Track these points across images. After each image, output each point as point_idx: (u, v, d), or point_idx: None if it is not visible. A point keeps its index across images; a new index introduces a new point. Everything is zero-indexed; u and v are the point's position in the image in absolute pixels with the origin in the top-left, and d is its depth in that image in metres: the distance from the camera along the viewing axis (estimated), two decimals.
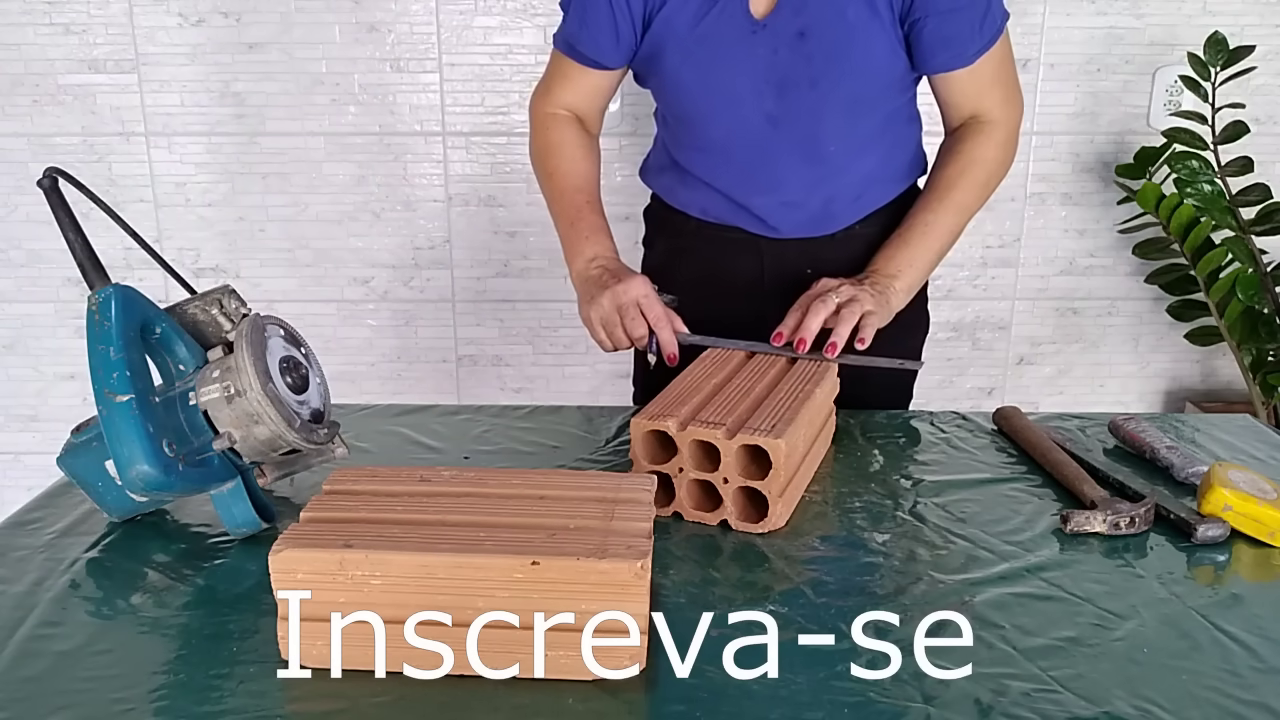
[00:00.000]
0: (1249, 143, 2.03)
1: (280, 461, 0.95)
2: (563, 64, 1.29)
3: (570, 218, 1.26)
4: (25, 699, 0.69)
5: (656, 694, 0.69)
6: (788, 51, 1.15)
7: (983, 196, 1.25)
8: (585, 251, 1.23)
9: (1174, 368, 2.36)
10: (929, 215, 1.22)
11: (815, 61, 1.15)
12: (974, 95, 1.21)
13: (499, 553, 0.69)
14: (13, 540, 0.91)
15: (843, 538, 0.92)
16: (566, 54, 1.27)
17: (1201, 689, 0.70)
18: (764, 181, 1.25)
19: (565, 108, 1.31)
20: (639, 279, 1.17)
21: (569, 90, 1.30)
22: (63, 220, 0.87)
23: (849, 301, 1.13)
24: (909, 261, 1.21)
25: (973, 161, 1.22)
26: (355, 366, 2.33)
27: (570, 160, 1.29)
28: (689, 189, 1.31)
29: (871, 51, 1.15)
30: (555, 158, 1.30)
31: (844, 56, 1.15)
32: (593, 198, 1.28)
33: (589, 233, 1.25)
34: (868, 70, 1.16)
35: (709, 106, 1.22)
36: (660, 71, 1.22)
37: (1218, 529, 0.91)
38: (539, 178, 1.33)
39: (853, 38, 1.14)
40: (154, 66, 2.14)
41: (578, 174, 1.29)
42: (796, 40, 1.14)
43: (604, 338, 1.19)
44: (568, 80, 1.29)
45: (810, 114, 1.19)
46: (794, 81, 1.17)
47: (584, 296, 1.21)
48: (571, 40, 1.24)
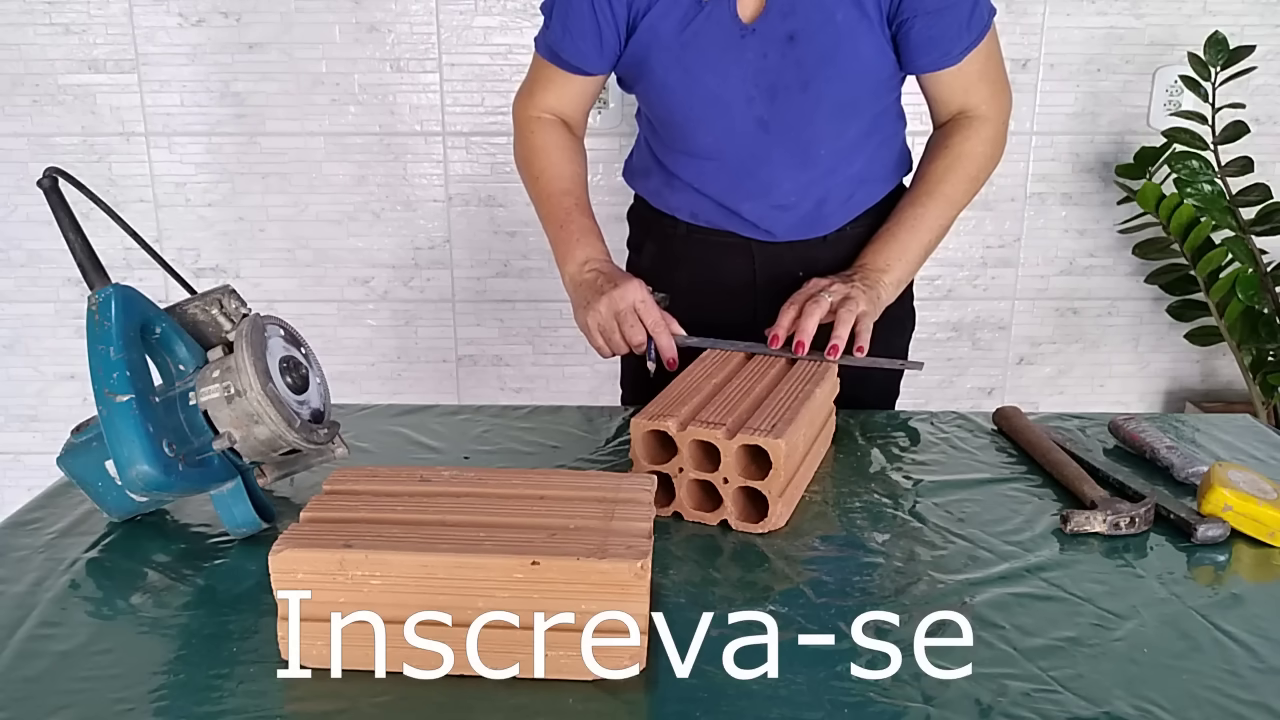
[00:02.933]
0: (1249, 143, 2.03)
1: (280, 461, 0.95)
2: (545, 68, 1.27)
3: (559, 220, 1.25)
4: (25, 699, 0.69)
5: (656, 694, 0.69)
6: (777, 56, 1.14)
7: (971, 191, 1.25)
8: (577, 255, 1.22)
9: (1174, 368, 2.36)
10: (917, 209, 1.22)
11: (806, 65, 1.14)
12: (961, 92, 1.22)
13: (499, 553, 0.69)
14: (13, 540, 0.91)
15: (843, 538, 0.91)
16: (549, 60, 1.25)
17: (1201, 689, 0.70)
18: (755, 186, 1.24)
19: (549, 111, 1.30)
20: (634, 283, 1.16)
21: (552, 94, 1.28)
22: (63, 220, 0.87)
23: (843, 300, 1.13)
24: (898, 255, 1.21)
25: (961, 155, 1.22)
26: (355, 366, 2.33)
27: (556, 163, 1.27)
28: (677, 193, 1.30)
29: (860, 53, 1.14)
30: (541, 160, 1.28)
31: (834, 59, 1.14)
32: (581, 200, 1.27)
33: (579, 235, 1.23)
34: (857, 72, 1.16)
35: (698, 112, 1.20)
36: (647, 77, 1.20)
37: (1218, 529, 0.91)
38: (525, 181, 1.31)
39: (842, 40, 1.13)
40: (154, 66, 2.14)
41: (565, 176, 1.27)
42: (786, 44, 1.14)
43: (602, 344, 1.18)
44: (551, 84, 1.28)
45: (802, 117, 1.18)
46: (785, 85, 1.16)
47: (579, 302, 1.20)
48: (554, 46, 1.23)
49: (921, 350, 2.34)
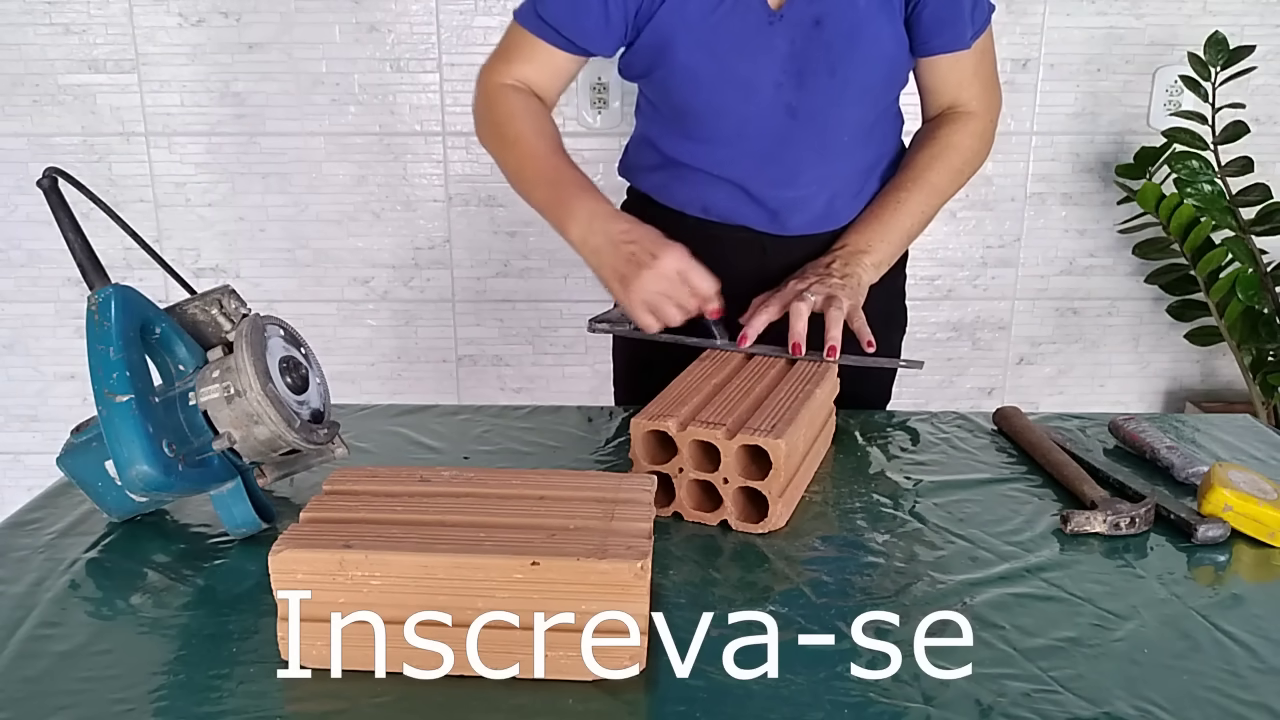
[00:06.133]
0: (1249, 143, 2.03)
1: (280, 461, 0.95)
2: (527, 40, 1.20)
3: (549, 178, 1.16)
4: (25, 699, 0.69)
5: (656, 694, 0.69)
6: (804, 41, 1.15)
7: (956, 182, 1.26)
8: (580, 212, 1.12)
9: (1174, 368, 2.36)
10: (901, 194, 1.24)
11: (834, 49, 1.15)
12: (956, 85, 1.24)
13: (499, 553, 0.69)
14: (13, 540, 0.91)
15: (843, 538, 0.91)
16: (537, 32, 1.19)
17: (1201, 689, 0.70)
18: (778, 173, 1.24)
19: (522, 82, 1.23)
20: (673, 251, 1.07)
21: (531, 67, 1.21)
22: (63, 220, 0.87)
23: (828, 301, 1.13)
24: (880, 237, 1.22)
25: (949, 146, 1.24)
26: (355, 366, 2.33)
27: (534, 127, 1.19)
28: (689, 186, 1.28)
29: (881, 39, 1.16)
30: (517, 124, 1.19)
31: (858, 43, 1.15)
32: (568, 158, 1.18)
33: (577, 190, 1.13)
34: (879, 57, 1.17)
35: (724, 97, 1.19)
36: (668, 62, 1.18)
37: (1218, 529, 0.91)
38: (496, 149, 1.22)
39: (864, 24, 1.15)
40: (154, 66, 2.14)
41: (547, 135, 1.18)
42: (813, 29, 1.14)
43: (651, 322, 1.09)
44: (533, 56, 1.21)
45: (829, 103, 1.19)
46: (812, 70, 1.16)
47: (614, 275, 1.09)
48: (550, 19, 1.18)
49: (921, 350, 2.34)
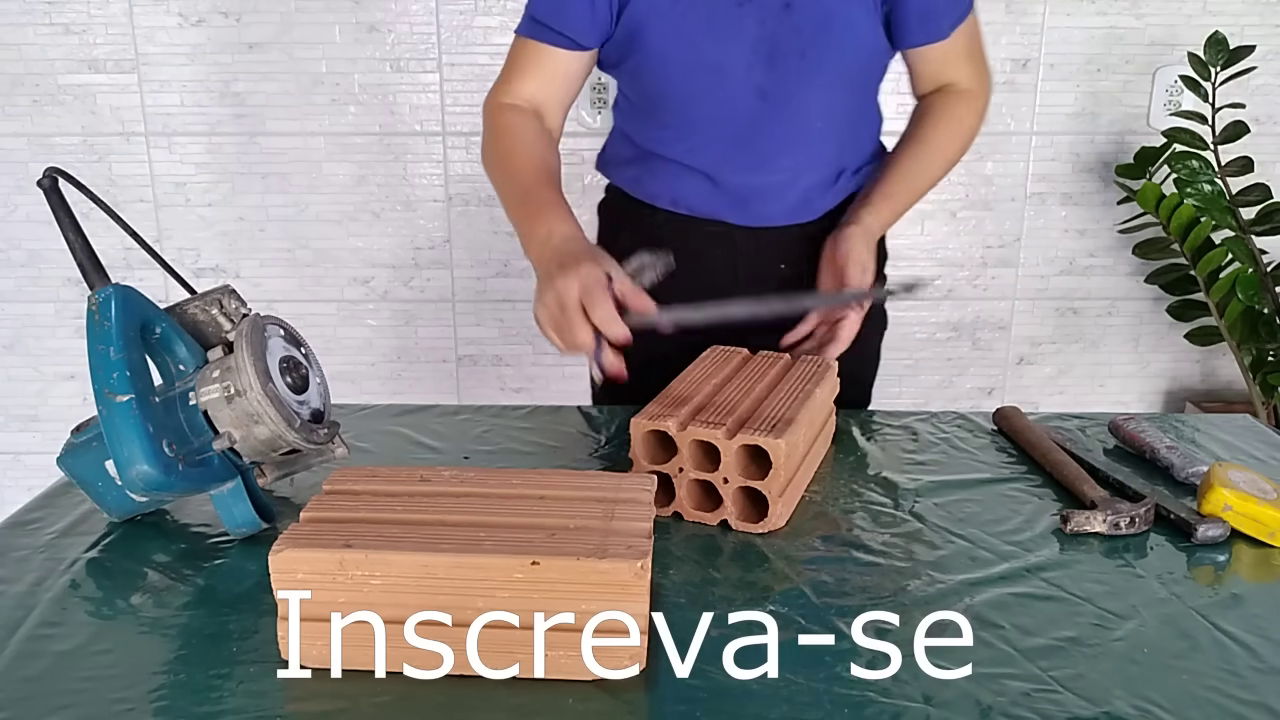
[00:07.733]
0: (1249, 143, 2.03)
1: (280, 461, 0.95)
2: (526, 50, 1.20)
3: (519, 195, 1.13)
4: (25, 699, 0.69)
5: (656, 694, 0.69)
6: (775, 23, 1.15)
7: (959, 148, 1.28)
8: (539, 232, 1.07)
9: (1174, 368, 2.36)
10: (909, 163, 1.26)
11: (804, 32, 1.15)
12: (948, 68, 1.26)
13: (499, 553, 0.69)
14: (13, 540, 0.91)
15: (843, 538, 0.91)
16: (531, 35, 1.19)
17: (1201, 689, 0.70)
18: (751, 159, 1.23)
19: (525, 100, 1.23)
20: (586, 265, 0.97)
21: (531, 79, 1.21)
22: (63, 220, 0.87)
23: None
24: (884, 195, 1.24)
25: (952, 117, 1.27)
26: (355, 366, 2.33)
27: (526, 145, 1.17)
28: (660, 178, 1.28)
29: (853, 24, 1.16)
30: (508, 140, 1.18)
31: (829, 27, 1.16)
32: (550, 179, 1.15)
33: (540, 208, 1.09)
34: (851, 43, 1.18)
35: (696, 81, 1.19)
36: (642, 49, 1.17)
37: (1218, 529, 0.91)
38: (487, 166, 1.20)
39: (834, 10, 1.15)
40: (154, 66, 2.14)
41: (534, 154, 1.16)
42: (783, 11, 1.15)
43: (558, 341, 0.99)
44: (532, 66, 1.20)
45: (800, 85, 1.19)
46: (783, 52, 1.16)
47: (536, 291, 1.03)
48: (541, 18, 1.18)
49: (921, 350, 2.34)
